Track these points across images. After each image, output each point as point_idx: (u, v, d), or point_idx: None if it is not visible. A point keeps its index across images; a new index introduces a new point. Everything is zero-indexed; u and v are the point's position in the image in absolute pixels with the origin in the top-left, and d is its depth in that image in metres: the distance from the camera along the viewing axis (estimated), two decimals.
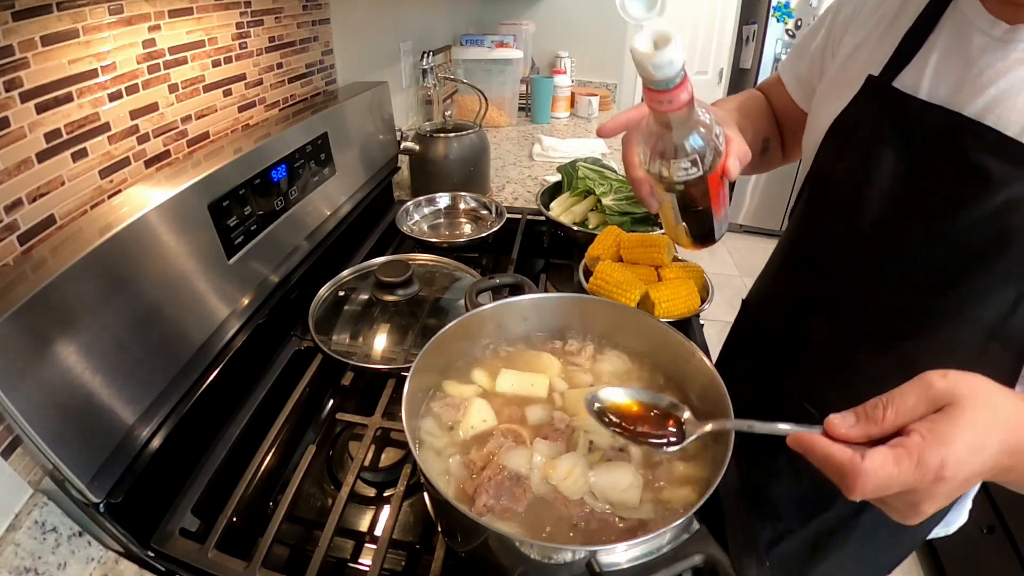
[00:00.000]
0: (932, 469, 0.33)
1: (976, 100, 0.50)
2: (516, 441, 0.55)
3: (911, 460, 0.33)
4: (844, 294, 0.65)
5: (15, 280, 0.48)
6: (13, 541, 0.49)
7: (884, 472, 0.33)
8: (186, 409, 0.64)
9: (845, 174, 0.62)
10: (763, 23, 3.24)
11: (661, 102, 0.42)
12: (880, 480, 0.33)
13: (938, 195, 0.53)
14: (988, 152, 0.49)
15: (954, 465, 0.33)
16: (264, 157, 0.81)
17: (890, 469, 0.33)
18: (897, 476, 0.33)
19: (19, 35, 0.54)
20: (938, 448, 0.33)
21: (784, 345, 0.77)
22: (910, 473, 0.33)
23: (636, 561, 0.43)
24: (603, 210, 1.13)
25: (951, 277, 0.54)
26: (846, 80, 0.62)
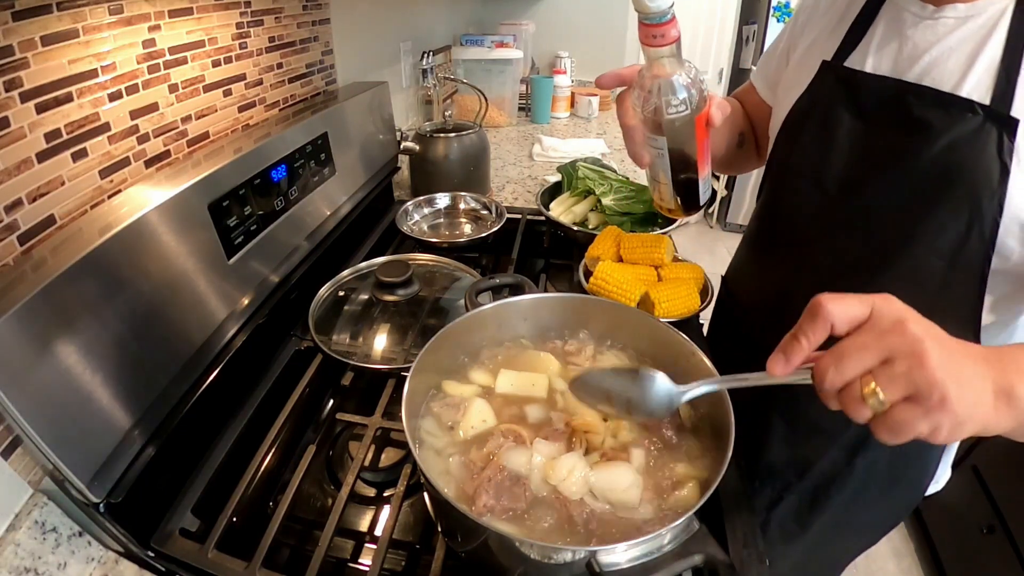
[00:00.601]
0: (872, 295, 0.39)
1: (914, 68, 0.60)
2: (516, 441, 0.55)
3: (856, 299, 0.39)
4: (816, 249, 0.72)
5: (15, 280, 0.48)
6: (13, 541, 0.49)
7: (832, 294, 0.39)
8: (186, 409, 0.64)
9: (809, 144, 0.70)
10: (763, 23, 3.24)
11: (654, 36, 0.49)
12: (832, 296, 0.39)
13: (890, 147, 0.62)
14: (928, 107, 0.58)
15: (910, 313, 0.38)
16: (264, 157, 0.81)
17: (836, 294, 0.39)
18: (845, 296, 0.39)
19: (19, 35, 0.54)
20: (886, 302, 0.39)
21: (763, 311, 0.83)
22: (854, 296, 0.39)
23: (636, 561, 0.43)
24: (603, 210, 1.13)
25: (909, 213, 0.61)
26: (804, 70, 0.72)
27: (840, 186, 0.67)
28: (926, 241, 0.61)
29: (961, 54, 0.57)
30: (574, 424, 0.58)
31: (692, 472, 0.54)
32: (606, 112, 2.52)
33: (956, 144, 0.57)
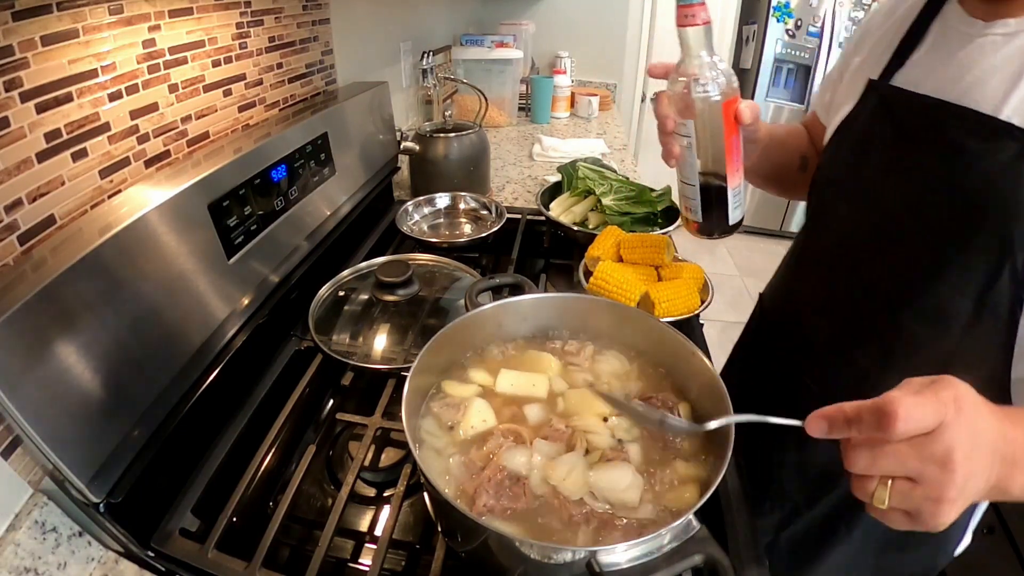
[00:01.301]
0: (951, 398, 0.35)
1: (956, 87, 0.57)
2: (516, 441, 0.55)
3: (931, 394, 0.35)
4: (843, 276, 0.69)
5: (15, 280, 0.48)
6: (13, 541, 0.49)
7: (916, 399, 0.35)
8: (186, 409, 0.64)
9: (845, 161, 0.68)
10: (763, 23, 3.24)
11: (686, 15, 0.53)
12: (915, 405, 0.34)
13: (923, 172, 0.59)
14: (964, 130, 0.55)
15: (966, 401, 0.36)
16: (264, 157, 0.81)
17: (920, 397, 0.35)
18: (928, 402, 0.35)
19: (19, 35, 0.54)
20: (944, 387, 0.36)
21: (796, 334, 0.80)
22: (937, 402, 0.35)
23: (636, 561, 0.43)
24: (603, 210, 1.13)
25: (936, 245, 0.58)
26: (853, 88, 0.70)
27: (869, 210, 0.64)
28: (952, 278, 0.57)
29: (1005, 74, 0.53)
30: (574, 424, 0.58)
31: (692, 472, 0.54)
32: (606, 112, 2.52)
33: (991, 172, 0.53)
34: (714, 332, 2.92)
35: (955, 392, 0.36)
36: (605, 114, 2.49)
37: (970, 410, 0.36)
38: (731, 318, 2.98)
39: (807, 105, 3.35)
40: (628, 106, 2.94)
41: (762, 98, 3.41)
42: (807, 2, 3.15)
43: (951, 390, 0.36)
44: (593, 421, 0.58)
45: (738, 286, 3.30)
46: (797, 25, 3.21)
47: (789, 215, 3.74)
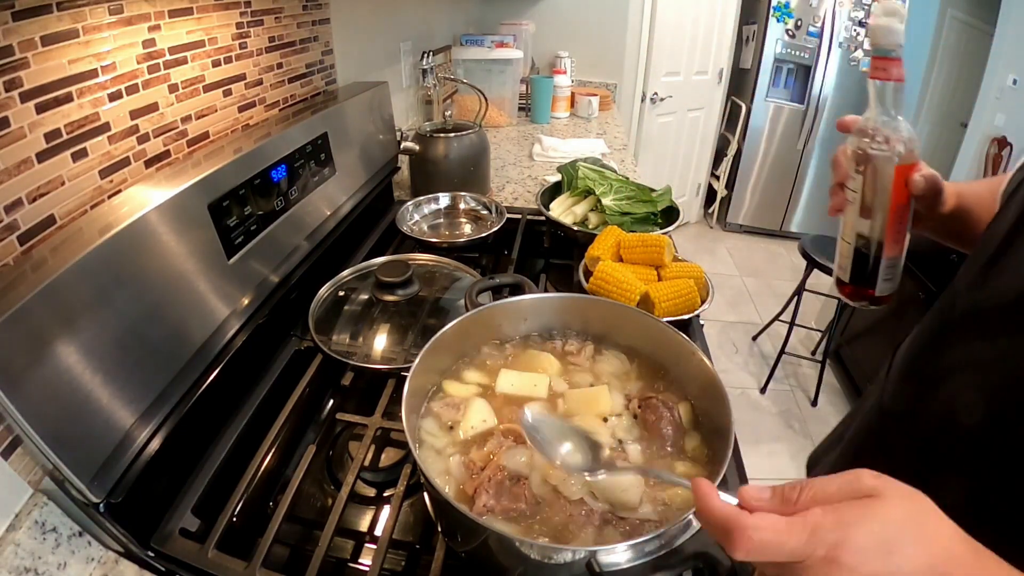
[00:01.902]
0: (825, 544, 0.30)
1: None
2: (516, 441, 0.55)
3: (804, 528, 0.30)
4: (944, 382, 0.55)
5: (15, 280, 0.48)
6: (13, 541, 0.49)
7: (771, 532, 0.31)
8: (186, 409, 0.64)
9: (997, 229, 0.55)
10: (763, 23, 3.24)
11: (879, 68, 0.52)
12: (764, 537, 0.30)
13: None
14: None
15: (852, 552, 0.29)
16: (264, 157, 0.81)
17: (779, 529, 0.31)
18: (786, 539, 0.30)
19: (19, 35, 0.54)
20: (837, 528, 0.30)
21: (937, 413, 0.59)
22: (800, 540, 0.30)
23: (636, 561, 0.43)
24: (603, 210, 1.13)
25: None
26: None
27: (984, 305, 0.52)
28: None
29: None
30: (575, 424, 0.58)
31: (692, 472, 0.54)
32: (606, 112, 2.53)
33: None
34: (714, 332, 2.93)
35: (841, 537, 0.30)
36: (605, 114, 2.49)
37: (853, 561, 0.30)
38: (731, 318, 2.98)
39: (807, 105, 3.35)
40: (628, 106, 2.94)
41: (762, 98, 3.41)
42: (807, 2, 3.15)
43: (838, 533, 0.30)
44: (593, 421, 0.59)
45: (738, 286, 3.30)
46: (797, 25, 3.21)
47: (789, 215, 3.74)
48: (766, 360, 2.60)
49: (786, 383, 2.53)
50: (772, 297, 3.14)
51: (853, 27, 3.16)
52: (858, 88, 3.28)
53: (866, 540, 0.30)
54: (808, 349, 2.68)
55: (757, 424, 2.31)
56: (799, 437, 2.25)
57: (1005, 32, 3.27)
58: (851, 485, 0.32)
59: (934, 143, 4.11)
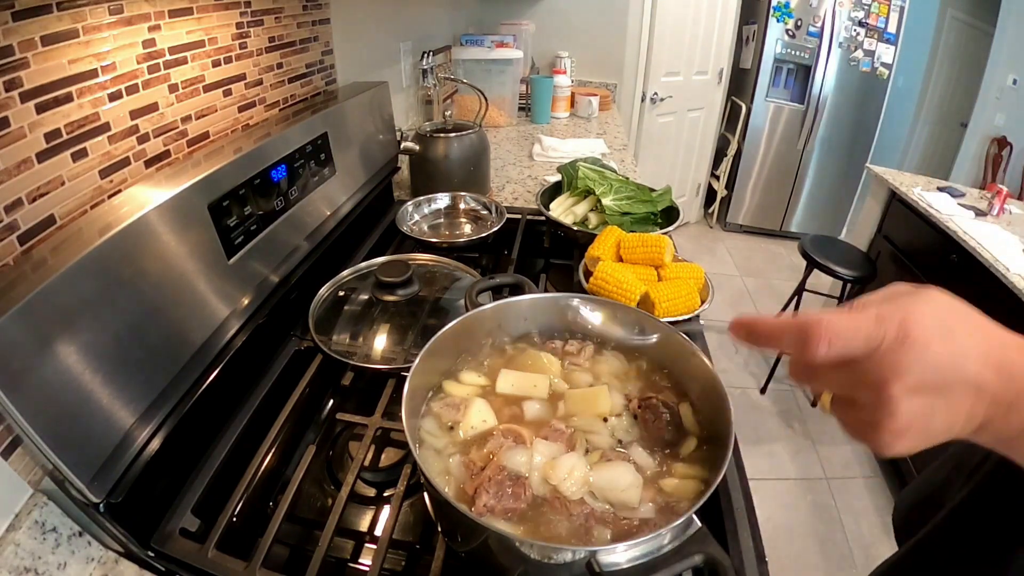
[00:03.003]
0: (895, 322, 0.30)
1: None
2: (516, 441, 0.55)
3: (869, 316, 0.31)
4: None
5: (15, 280, 0.48)
6: (13, 541, 0.49)
7: (845, 320, 0.31)
8: (186, 409, 0.64)
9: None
10: (763, 23, 3.24)
11: None
12: (842, 326, 0.31)
13: None
14: None
15: (918, 326, 0.30)
16: (264, 157, 0.81)
17: (851, 317, 0.31)
18: (859, 326, 0.31)
19: (19, 35, 0.54)
20: (896, 310, 0.31)
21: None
22: (871, 324, 0.31)
23: (636, 561, 0.43)
24: (603, 210, 1.13)
25: None
26: None
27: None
28: None
29: None
30: (574, 424, 0.58)
31: (692, 472, 0.54)
32: (606, 112, 2.53)
33: None
34: (714, 332, 2.92)
35: (904, 314, 0.30)
36: (605, 114, 2.49)
37: (923, 336, 0.30)
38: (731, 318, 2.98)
39: (807, 105, 3.35)
40: (628, 106, 2.94)
41: (762, 98, 3.41)
42: (807, 2, 3.15)
43: (900, 312, 0.31)
44: (593, 421, 0.59)
45: (738, 286, 3.30)
46: (797, 25, 3.21)
47: (789, 215, 3.74)
48: (766, 360, 2.60)
49: (786, 383, 2.53)
50: (772, 297, 3.14)
51: (853, 27, 3.16)
52: (858, 88, 3.28)
53: (926, 318, 0.31)
54: None
55: (757, 424, 2.31)
56: (799, 437, 2.25)
57: (1005, 32, 3.27)
58: (893, 291, 0.33)
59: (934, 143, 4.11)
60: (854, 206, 3.56)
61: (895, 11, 3.12)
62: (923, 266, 2.06)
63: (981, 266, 1.68)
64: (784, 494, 2.00)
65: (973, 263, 1.72)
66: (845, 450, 2.19)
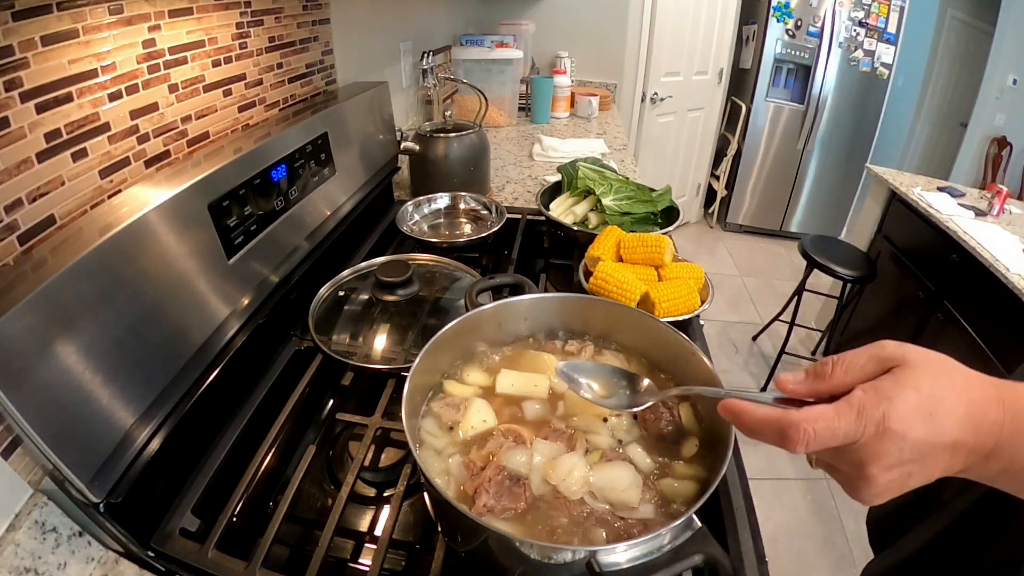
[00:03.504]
0: (874, 420, 0.32)
1: None
2: (516, 441, 0.55)
3: (851, 410, 0.33)
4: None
5: (15, 280, 0.48)
6: (13, 541, 0.49)
7: (822, 421, 0.33)
8: (186, 409, 0.64)
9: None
10: (763, 23, 3.24)
11: None
12: (820, 428, 0.33)
13: None
14: None
15: (897, 420, 0.32)
16: (264, 157, 0.81)
17: (829, 418, 0.33)
18: (836, 425, 0.33)
19: (19, 35, 0.54)
20: (879, 402, 0.33)
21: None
22: (850, 423, 0.33)
23: (636, 561, 0.43)
24: (603, 210, 1.13)
25: None
26: None
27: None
28: None
29: None
30: (574, 424, 0.58)
31: (692, 472, 0.54)
32: (606, 112, 2.53)
33: None
34: (714, 332, 2.93)
35: (885, 409, 0.32)
36: (605, 114, 2.49)
37: (902, 428, 0.32)
38: (731, 318, 2.98)
39: (807, 105, 3.35)
40: (628, 106, 2.94)
41: (762, 98, 3.41)
42: (807, 2, 3.15)
43: (882, 406, 0.33)
44: (593, 421, 0.59)
45: (738, 286, 3.30)
46: (797, 25, 3.21)
47: (789, 215, 3.74)
48: (766, 360, 2.60)
49: None
50: (772, 297, 3.14)
51: (853, 27, 3.16)
52: (858, 88, 3.28)
53: (907, 408, 0.32)
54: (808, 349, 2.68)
55: None
56: None
57: (1005, 32, 3.27)
58: (879, 354, 0.35)
59: (934, 143, 4.11)
60: (854, 206, 3.56)
61: (895, 11, 3.12)
62: (923, 266, 2.06)
63: (981, 266, 1.68)
64: (784, 494, 2.00)
65: (973, 263, 1.72)
66: None
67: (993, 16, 3.33)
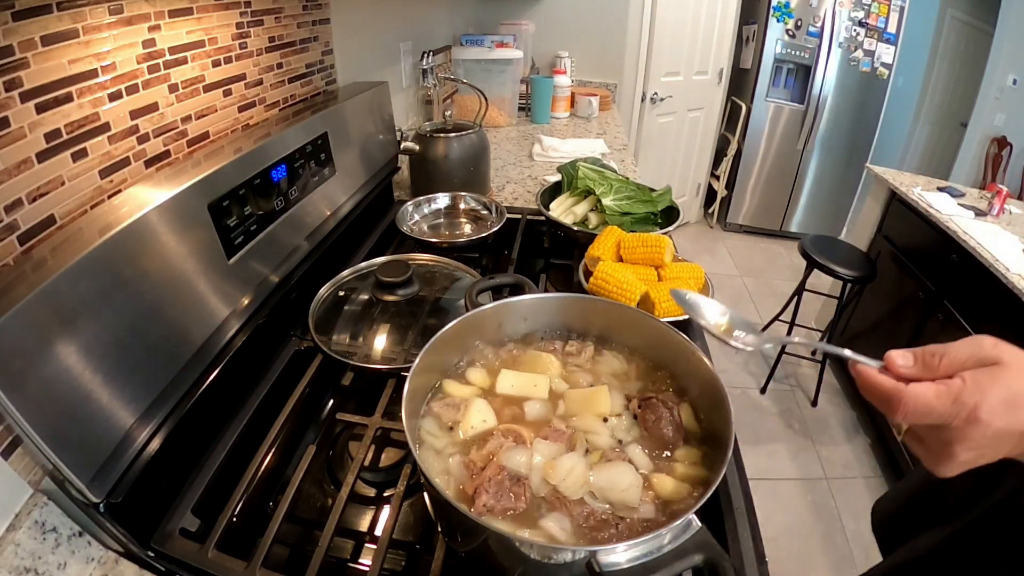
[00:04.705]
0: (967, 407, 0.37)
1: None
2: (516, 441, 0.55)
3: (950, 396, 0.38)
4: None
5: (15, 280, 0.48)
6: (13, 541, 0.49)
7: (924, 400, 0.38)
8: (186, 409, 0.64)
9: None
10: (763, 23, 3.24)
11: None
12: (919, 405, 0.38)
13: None
14: None
15: (987, 411, 0.37)
16: (264, 157, 0.81)
17: (930, 398, 0.38)
18: (935, 406, 0.38)
19: (19, 35, 0.54)
20: (975, 393, 0.37)
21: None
22: (947, 406, 0.38)
23: (636, 561, 0.43)
24: (603, 210, 1.13)
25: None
26: None
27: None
28: None
29: None
30: (574, 424, 0.58)
31: (692, 472, 0.54)
32: (606, 112, 2.53)
33: None
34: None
35: (979, 399, 0.37)
36: (605, 114, 2.49)
37: (988, 418, 0.37)
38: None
39: (807, 105, 3.35)
40: (628, 106, 2.94)
41: (762, 98, 3.41)
42: (807, 2, 3.15)
43: (977, 396, 0.37)
44: (593, 421, 0.59)
45: (738, 286, 3.30)
46: (797, 25, 3.21)
47: (789, 215, 3.74)
48: (766, 360, 2.60)
49: (786, 383, 2.53)
50: (772, 297, 3.14)
51: (853, 27, 3.16)
52: (858, 88, 3.29)
53: (997, 400, 0.37)
54: (808, 349, 2.68)
55: (757, 424, 2.31)
56: (799, 437, 2.25)
57: (1005, 32, 3.27)
58: (979, 351, 0.39)
59: (934, 143, 4.11)
60: (854, 206, 3.56)
61: (895, 11, 3.12)
62: (923, 266, 2.06)
63: (981, 266, 1.68)
64: (784, 494, 2.00)
65: (973, 263, 1.72)
66: (845, 450, 2.19)
67: (993, 16, 3.33)
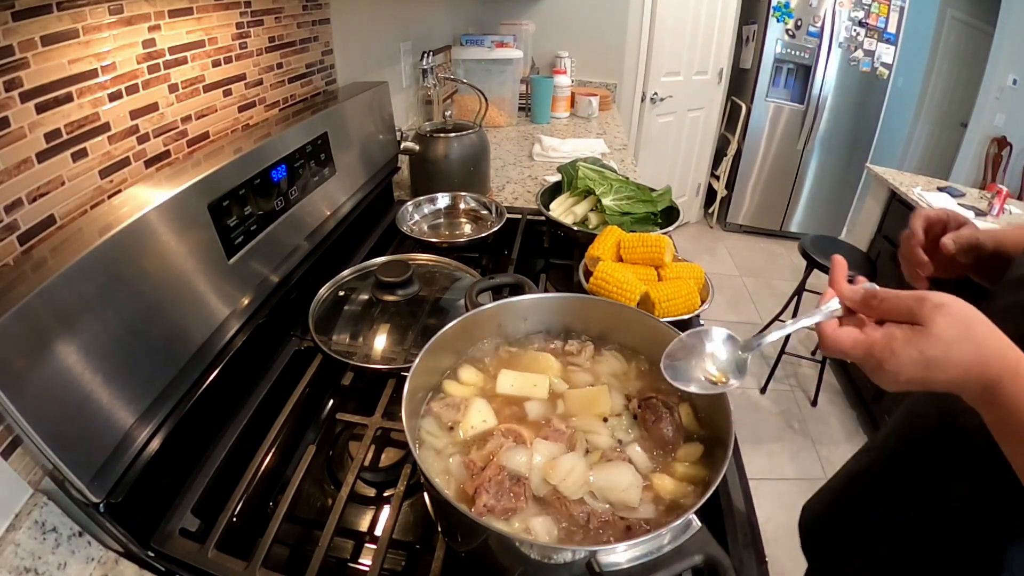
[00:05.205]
0: (875, 359, 0.43)
1: None
2: (516, 441, 0.55)
3: (863, 347, 0.43)
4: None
5: (15, 280, 0.48)
6: (13, 541, 0.49)
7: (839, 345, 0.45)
8: (186, 409, 0.64)
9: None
10: (763, 23, 3.24)
11: None
12: (836, 348, 0.45)
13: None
14: None
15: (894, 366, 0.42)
16: (264, 157, 0.81)
17: (846, 345, 0.44)
18: (848, 352, 0.44)
19: (19, 35, 0.54)
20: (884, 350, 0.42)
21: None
22: (859, 355, 0.44)
23: (636, 561, 0.43)
24: (603, 210, 1.13)
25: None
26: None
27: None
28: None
29: None
30: (574, 424, 0.58)
31: (692, 472, 0.54)
32: (606, 112, 2.53)
33: None
34: None
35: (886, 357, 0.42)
36: (605, 114, 2.49)
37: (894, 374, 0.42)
38: (731, 318, 2.98)
39: (807, 105, 3.35)
40: (628, 106, 2.94)
41: (762, 98, 3.41)
42: (807, 2, 3.15)
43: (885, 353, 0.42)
44: (593, 421, 0.59)
45: (738, 286, 3.30)
46: (797, 25, 3.21)
47: (789, 215, 3.74)
48: (766, 360, 2.60)
49: (786, 383, 2.53)
50: (772, 297, 3.14)
51: (853, 27, 3.16)
52: (858, 88, 3.28)
53: (907, 361, 0.41)
54: (808, 349, 2.68)
55: (757, 424, 2.31)
56: (799, 437, 2.24)
57: (1005, 32, 3.27)
58: (914, 309, 0.42)
59: (934, 143, 4.11)
60: (854, 206, 3.56)
61: (895, 11, 3.12)
62: None
63: None
64: (784, 494, 2.00)
65: None
66: (845, 450, 2.19)
67: (993, 16, 3.33)
